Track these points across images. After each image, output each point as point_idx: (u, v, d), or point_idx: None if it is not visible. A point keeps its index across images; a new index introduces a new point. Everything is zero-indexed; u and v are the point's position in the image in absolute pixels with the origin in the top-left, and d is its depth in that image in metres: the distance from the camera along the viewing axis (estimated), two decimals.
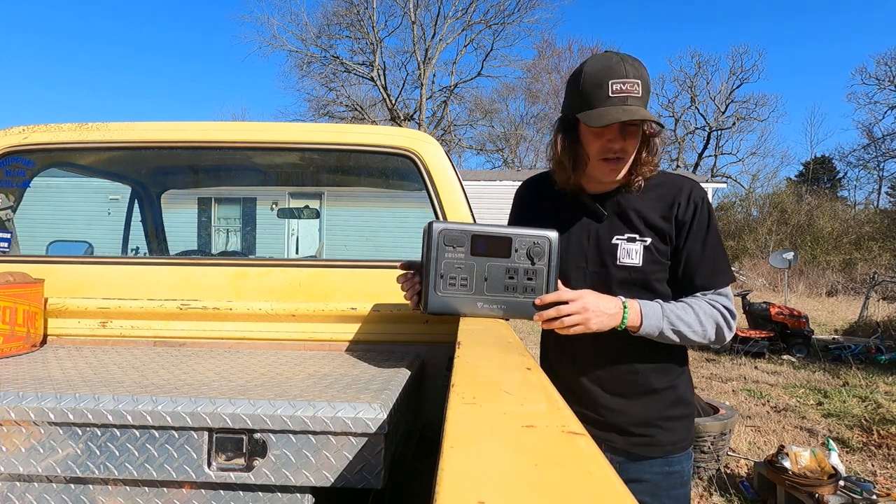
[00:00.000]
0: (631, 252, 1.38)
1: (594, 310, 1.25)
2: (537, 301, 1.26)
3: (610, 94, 1.25)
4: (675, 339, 1.33)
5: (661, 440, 1.42)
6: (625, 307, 1.29)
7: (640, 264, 1.38)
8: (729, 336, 1.36)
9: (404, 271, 1.44)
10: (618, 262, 1.39)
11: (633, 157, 1.35)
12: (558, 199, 1.49)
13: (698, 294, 1.37)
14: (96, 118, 1.99)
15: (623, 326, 1.30)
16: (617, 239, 1.40)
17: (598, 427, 1.44)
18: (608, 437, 1.44)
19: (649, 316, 1.30)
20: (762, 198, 27.30)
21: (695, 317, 1.33)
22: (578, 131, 1.36)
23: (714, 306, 1.35)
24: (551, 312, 1.25)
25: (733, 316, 1.37)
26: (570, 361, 1.50)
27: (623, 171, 1.35)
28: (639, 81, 1.26)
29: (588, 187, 1.45)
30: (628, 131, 1.31)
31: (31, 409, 1.17)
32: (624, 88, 1.25)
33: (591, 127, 1.28)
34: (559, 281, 1.31)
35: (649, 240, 1.38)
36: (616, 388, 1.43)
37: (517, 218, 1.60)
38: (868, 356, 7.52)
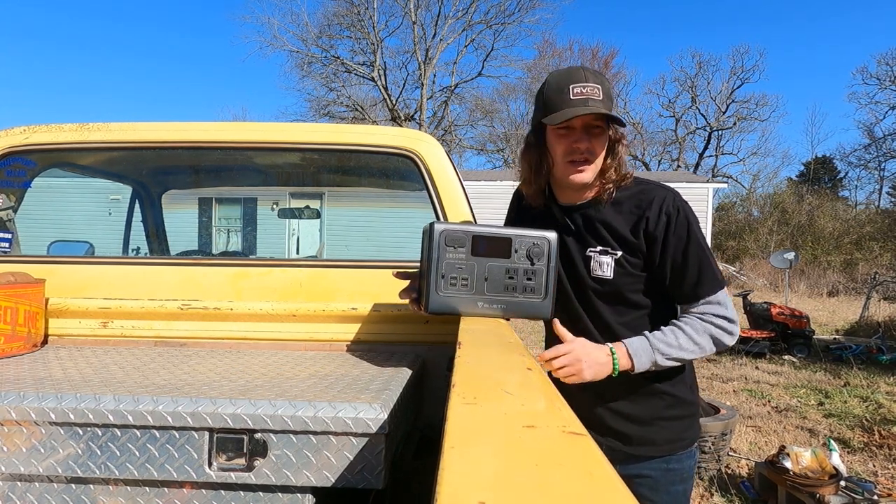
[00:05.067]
0: (603, 265, 1.40)
1: (585, 360, 1.28)
2: (538, 358, 1.28)
3: (571, 97, 1.29)
4: (676, 364, 1.33)
5: (658, 440, 1.43)
6: (613, 354, 1.31)
7: (612, 277, 1.39)
8: (731, 341, 1.35)
9: (402, 279, 1.46)
10: (591, 274, 1.42)
11: (600, 163, 1.36)
12: (545, 208, 1.51)
13: (689, 311, 1.36)
14: (98, 120, 1.99)
15: (616, 373, 1.31)
16: (591, 251, 1.42)
17: (597, 429, 1.44)
18: (606, 438, 1.45)
19: (639, 354, 1.31)
20: (763, 198, 27.31)
21: (686, 338, 1.32)
22: (545, 140, 1.39)
23: (705, 320, 1.33)
24: (545, 367, 1.28)
25: (731, 321, 1.34)
26: None
27: (590, 174, 1.36)
28: (599, 86, 1.30)
29: (561, 198, 1.46)
30: (593, 133, 1.33)
31: (32, 409, 1.17)
32: (584, 91, 1.29)
33: (555, 125, 1.31)
34: (556, 323, 1.35)
35: (620, 253, 1.38)
36: (614, 391, 1.44)
37: (509, 222, 1.63)
38: (869, 356, 7.51)
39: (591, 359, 1.28)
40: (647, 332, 1.34)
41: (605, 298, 1.42)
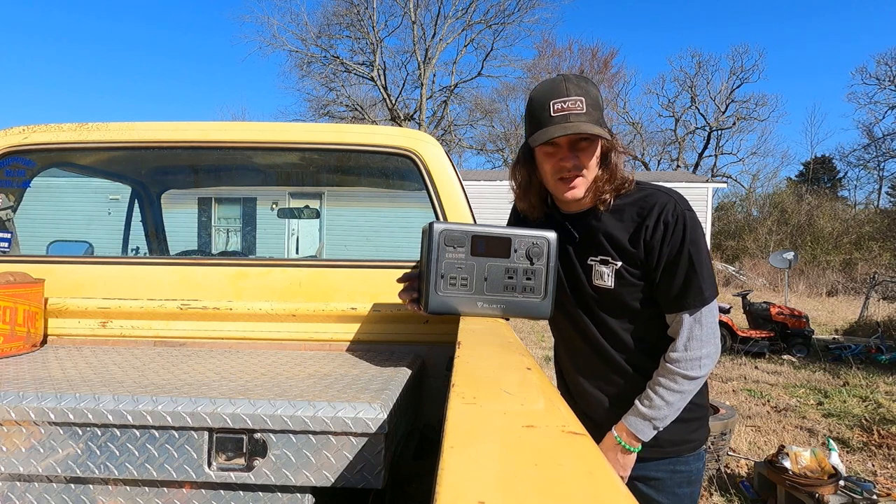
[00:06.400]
0: (604, 274, 1.39)
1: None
2: None
3: (552, 114, 1.28)
4: (679, 409, 1.35)
5: (664, 441, 1.42)
6: (621, 443, 1.36)
7: (613, 287, 1.38)
8: (714, 352, 1.35)
9: (404, 283, 1.47)
10: (592, 283, 1.41)
11: (592, 175, 1.35)
12: (546, 217, 1.51)
13: (663, 364, 1.36)
14: (96, 119, 1.99)
15: (639, 448, 1.37)
16: (591, 260, 1.41)
17: (602, 431, 1.44)
18: None
19: (639, 430, 1.35)
20: (762, 198, 27.34)
21: (666, 392, 1.34)
22: (534, 156, 1.39)
23: (670, 370, 1.34)
24: None
25: (708, 339, 1.33)
26: (576, 369, 1.52)
27: (582, 189, 1.35)
28: (581, 98, 1.28)
29: (562, 208, 1.46)
30: (580, 147, 1.32)
31: (31, 408, 1.17)
32: (565, 107, 1.27)
33: (535, 146, 1.31)
34: None
35: (620, 263, 1.37)
36: (619, 393, 1.44)
37: (511, 225, 1.63)
38: (868, 356, 7.52)
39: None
40: (637, 400, 1.37)
41: (606, 306, 1.41)
